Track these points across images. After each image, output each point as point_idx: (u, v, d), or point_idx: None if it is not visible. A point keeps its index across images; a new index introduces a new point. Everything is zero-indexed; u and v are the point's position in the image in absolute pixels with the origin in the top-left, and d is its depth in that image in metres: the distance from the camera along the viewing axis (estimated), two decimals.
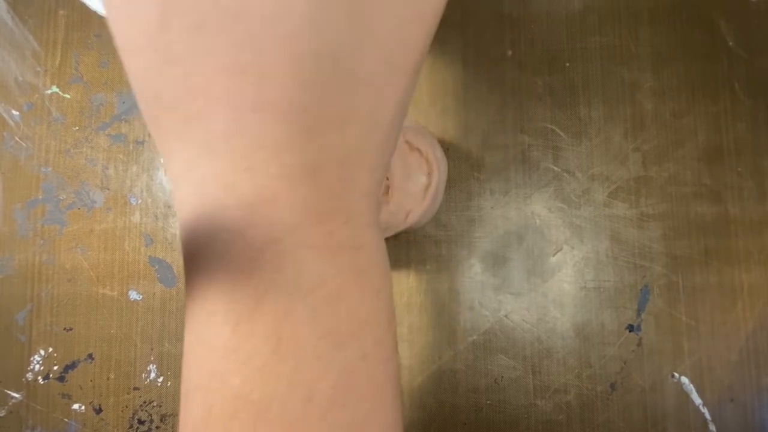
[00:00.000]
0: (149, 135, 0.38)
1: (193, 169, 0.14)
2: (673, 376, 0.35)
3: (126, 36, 0.13)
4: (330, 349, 0.14)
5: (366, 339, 0.15)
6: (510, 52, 0.37)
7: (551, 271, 0.36)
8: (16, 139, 0.38)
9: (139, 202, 0.37)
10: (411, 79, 0.15)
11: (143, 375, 0.36)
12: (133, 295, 0.37)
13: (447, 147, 0.37)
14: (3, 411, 0.36)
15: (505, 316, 0.36)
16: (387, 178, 0.31)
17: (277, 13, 0.12)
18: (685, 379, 0.35)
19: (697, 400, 0.34)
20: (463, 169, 0.37)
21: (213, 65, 0.12)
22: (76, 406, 0.36)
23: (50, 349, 0.36)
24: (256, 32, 0.12)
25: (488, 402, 0.35)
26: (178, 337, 0.36)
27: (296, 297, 0.14)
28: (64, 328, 0.36)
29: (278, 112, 0.13)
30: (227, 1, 0.12)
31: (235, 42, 0.12)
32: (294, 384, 0.14)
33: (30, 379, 0.36)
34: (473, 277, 0.36)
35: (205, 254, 0.14)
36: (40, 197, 0.37)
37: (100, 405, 0.36)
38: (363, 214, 0.15)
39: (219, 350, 0.14)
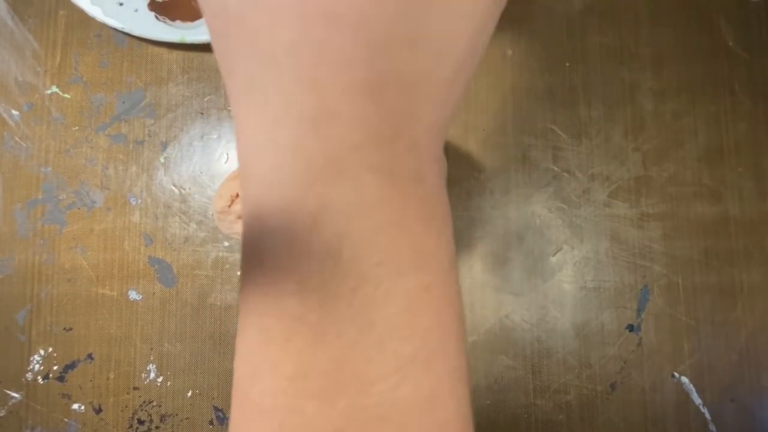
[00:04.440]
0: (149, 134, 0.38)
1: (256, 85, 0.13)
2: (673, 376, 0.35)
3: None
4: (389, 275, 0.13)
5: (429, 271, 0.14)
6: (510, 52, 0.37)
7: (551, 271, 0.36)
8: (16, 139, 0.38)
9: (139, 202, 0.37)
10: (487, 16, 0.14)
11: (143, 375, 0.36)
12: (133, 294, 0.37)
13: (447, 147, 0.37)
14: (3, 411, 0.36)
15: (505, 316, 0.36)
16: None
17: None
18: (685, 379, 0.35)
19: (697, 400, 0.34)
20: (463, 169, 0.37)
21: None
22: (75, 406, 0.36)
23: (50, 349, 0.36)
24: None
25: (488, 402, 0.35)
26: (178, 337, 0.36)
27: (354, 217, 0.13)
28: (64, 328, 0.36)
29: (347, 25, 0.12)
30: None
31: None
32: (352, 307, 0.13)
33: (30, 379, 0.36)
34: (473, 277, 0.36)
35: (262, 169, 0.14)
36: (40, 197, 0.37)
37: (99, 405, 0.36)
38: (428, 147, 0.14)
39: (276, 268, 0.13)
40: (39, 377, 0.36)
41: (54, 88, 0.38)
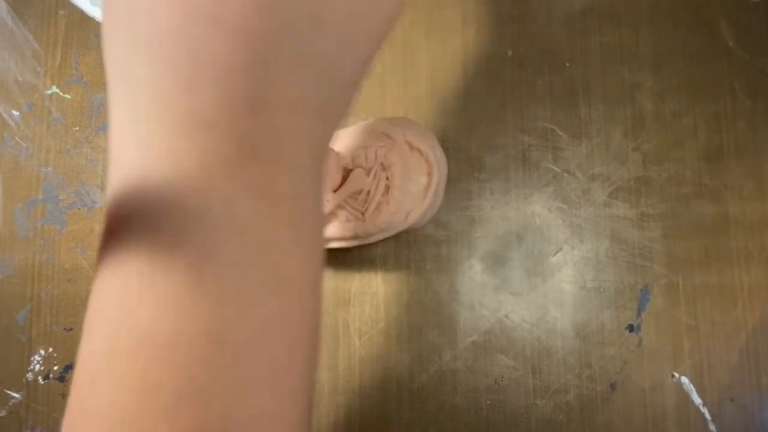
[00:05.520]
0: None
1: (132, 71, 0.12)
2: (673, 376, 0.35)
3: None
4: (250, 299, 0.13)
5: (291, 297, 0.14)
6: (510, 52, 0.37)
7: (551, 271, 0.36)
8: (16, 139, 0.38)
9: None
10: (376, 42, 0.14)
11: None
12: None
13: (447, 147, 0.37)
14: (3, 411, 0.36)
15: (505, 316, 0.36)
16: (387, 178, 0.31)
17: None
18: (685, 379, 0.35)
19: (697, 400, 0.34)
20: (463, 169, 0.37)
21: None
22: None
23: (50, 349, 0.36)
24: None
25: (488, 402, 0.35)
26: None
27: (223, 236, 0.12)
28: (64, 328, 0.36)
29: (228, 30, 0.11)
30: None
31: None
32: (206, 327, 0.12)
33: (30, 379, 0.36)
34: (473, 277, 0.36)
35: (132, 161, 0.13)
36: (40, 197, 0.37)
37: None
38: (308, 167, 0.14)
39: (132, 280, 0.12)
40: (39, 377, 0.36)
41: (54, 88, 0.38)
